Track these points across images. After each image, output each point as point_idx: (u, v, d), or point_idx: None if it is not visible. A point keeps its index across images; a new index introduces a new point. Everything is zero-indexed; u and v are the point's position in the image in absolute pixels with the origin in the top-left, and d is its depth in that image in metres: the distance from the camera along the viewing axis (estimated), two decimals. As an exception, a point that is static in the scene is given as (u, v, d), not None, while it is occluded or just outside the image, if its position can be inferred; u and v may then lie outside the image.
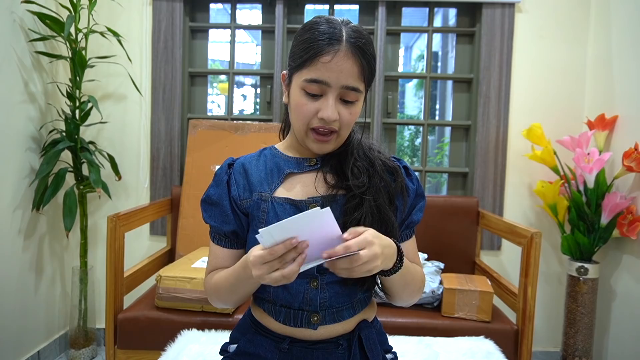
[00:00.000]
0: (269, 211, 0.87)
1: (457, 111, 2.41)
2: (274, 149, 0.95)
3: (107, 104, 2.28)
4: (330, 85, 0.80)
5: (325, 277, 0.86)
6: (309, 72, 0.81)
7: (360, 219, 0.83)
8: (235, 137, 2.12)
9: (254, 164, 0.93)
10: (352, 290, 0.88)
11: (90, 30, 2.05)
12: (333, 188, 0.87)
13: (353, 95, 0.82)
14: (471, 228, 2.15)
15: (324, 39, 0.80)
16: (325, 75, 0.80)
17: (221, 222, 0.91)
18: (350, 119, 0.84)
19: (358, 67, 0.81)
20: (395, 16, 2.38)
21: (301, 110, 0.83)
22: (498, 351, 1.45)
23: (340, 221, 0.83)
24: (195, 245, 2.01)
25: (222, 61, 3.12)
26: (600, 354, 2.09)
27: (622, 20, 2.05)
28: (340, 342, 0.88)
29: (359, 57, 0.81)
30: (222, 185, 0.92)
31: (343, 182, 0.87)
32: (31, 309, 2.04)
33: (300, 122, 0.84)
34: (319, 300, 0.86)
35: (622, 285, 2.00)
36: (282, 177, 0.90)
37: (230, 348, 0.96)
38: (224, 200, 0.91)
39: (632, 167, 1.83)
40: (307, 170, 0.91)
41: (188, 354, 1.35)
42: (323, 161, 0.91)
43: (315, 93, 0.82)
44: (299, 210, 0.86)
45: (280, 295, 0.88)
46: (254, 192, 0.90)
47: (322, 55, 0.79)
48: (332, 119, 0.81)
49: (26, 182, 1.97)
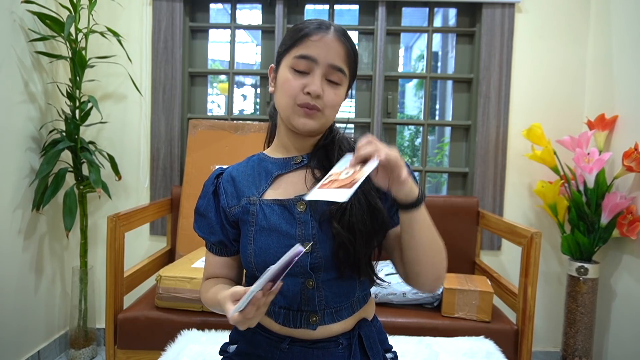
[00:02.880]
0: (258, 214, 0.87)
1: (457, 111, 2.41)
2: (262, 154, 0.96)
3: (107, 104, 2.28)
4: (317, 61, 0.84)
5: (321, 276, 0.85)
6: (298, 50, 0.85)
7: (346, 208, 0.83)
8: (235, 137, 2.12)
9: (242, 171, 0.94)
10: (350, 289, 0.88)
11: (90, 30, 2.05)
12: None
13: (337, 76, 0.85)
14: (471, 228, 2.15)
15: (314, 24, 0.86)
16: (314, 52, 0.84)
17: (208, 233, 0.94)
18: (334, 100, 0.86)
19: (344, 50, 0.86)
20: (395, 16, 2.38)
21: (288, 86, 0.85)
22: (498, 351, 1.45)
23: (327, 212, 0.85)
24: (195, 245, 2.01)
25: (222, 61, 3.12)
26: (600, 354, 2.09)
27: (622, 20, 2.05)
28: (340, 340, 0.88)
29: (345, 42, 0.86)
30: (208, 196, 0.94)
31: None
32: (31, 309, 2.04)
33: (287, 98, 0.85)
34: (316, 299, 0.86)
35: (622, 285, 2.00)
36: (271, 180, 0.90)
37: (230, 348, 0.97)
38: (210, 212, 0.93)
39: (632, 167, 1.83)
40: (294, 169, 0.91)
41: (188, 354, 1.35)
42: (309, 157, 0.91)
43: (303, 69, 0.84)
44: (286, 210, 0.86)
45: (278, 298, 0.88)
46: (241, 197, 0.90)
47: (311, 35, 0.84)
48: (317, 92, 0.83)
49: (26, 182, 1.97)
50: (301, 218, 0.85)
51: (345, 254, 0.83)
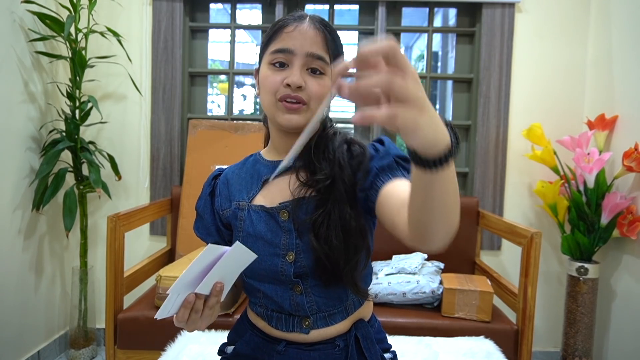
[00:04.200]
0: (245, 219, 0.86)
1: (457, 111, 2.41)
2: (258, 155, 0.94)
3: (107, 104, 2.28)
4: (294, 52, 0.80)
5: (308, 281, 0.84)
6: (275, 44, 0.82)
7: (322, 221, 0.80)
8: (235, 137, 2.12)
9: (237, 173, 0.93)
10: (341, 293, 0.86)
11: (90, 30, 2.05)
12: (304, 186, 0.83)
13: (319, 64, 0.81)
14: (471, 228, 2.14)
15: (289, 17, 0.84)
16: (290, 44, 0.80)
17: (205, 234, 0.94)
18: (319, 91, 0.81)
19: (321, 37, 0.81)
20: (395, 16, 2.38)
21: (268, 82, 0.82)
22: (498, 351, 1.46)
23: (305, 221, 0.81)
24: (195, 245, 2.01)
25: (222, 61, 3.11)
26: (600, 354, 2.09)
27: (622, 20, 2.05)
28: (337, 342, 0.87)
29: (322, 30, 0.82)
30: (205, 197, 0.94)
31: (312, 178, 0.84)
32: (31, 309, 2.04)
33: (268, 94, 0.82)
34: (307, 304, 0.84)
35: (622, 285, 1.99)
36: (260, 184, 0.88)
37: (228, 349, 0.96)
38: (206, 214, 0.93)
39: (632, 167, 1.83)
40: (282, 173, 0.85)
41: (188, 354, 1.35)
42: (297, 158, 0.85)
43: (282, 61, 0.81)
44: (272, 218, 0.84)
45: (268, 301, 0.87)
46: (232, 201, 0.90)
47: (285, 27, 0.82)
48: (297, 84, 0.79)
49: (26, 182, 1.97)
50: (285, 226, 0.84)
51: (326, 264, 0.81)
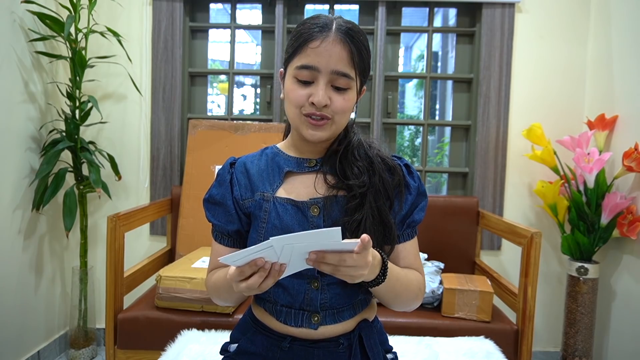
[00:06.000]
0: (271, 211, 0.87)
1: (457, 111, 2.41)
2: (276, 147, 0.95)
3: (107, 104, 2.28)
4: (319, 70, 0.81)
5: (326, 278, 0.86)
6: (300, 59, 0.82)
7: (361, 220, 0.83)
8: (235, 137, 2.12)
9: (256, 163, 0.93)
10: (352, 292, 0.88)
11: (90, 30, 2.05)
12: (333, 188, 0.87)
13: (344, 82, 0.82)
14: (471, 228, 2.14)
15: (315, 28, 0.82)
16: (315, 61, 0.81)
17: (225, 222, 0.92)
18: (344, 105, 0.83)
19: (347, 52, 0.81)
20: (395, 16, 2.38)
21: (293, 96, 0.83)
22: (498, 351, 1.46)
23: (341, 221, 0.83)
24: (195, 245, 2.01)
25: (222, 61, 3.11)
26: (600, 354, 2.09)
27: (622, 20, 2.05)
28: (341, 341, 0.88)
29: (348, 43, 0.81)
30: (226, 184, 0.92)
31: (343, 182, 0.87)
32: (31, 309, 2.04)
33: (293, 109, 0.84)
34: (319, 300, 0.86)
35: (622, 285, 1.99)
36: (283, 176, 0.90)
37: (231, 348, 0.96)
38: (228, 200, 0.91)
39: (632, 167, 1.83)
40: (306, 171, 0.90)
41: (188, 354, 1.35)
42: (323, 162, 0.90)
43: (307, 79, 0.82)
44: (300, 212, 0.86)
45: (281, 296, 0.88)
46: (255, 191, 0.90)
47: (311, 42, 0.81)
48: (322, 103, 0.81)
49: (26, 182, 1.97)
50: (314, 222, 0.85)
51: None
